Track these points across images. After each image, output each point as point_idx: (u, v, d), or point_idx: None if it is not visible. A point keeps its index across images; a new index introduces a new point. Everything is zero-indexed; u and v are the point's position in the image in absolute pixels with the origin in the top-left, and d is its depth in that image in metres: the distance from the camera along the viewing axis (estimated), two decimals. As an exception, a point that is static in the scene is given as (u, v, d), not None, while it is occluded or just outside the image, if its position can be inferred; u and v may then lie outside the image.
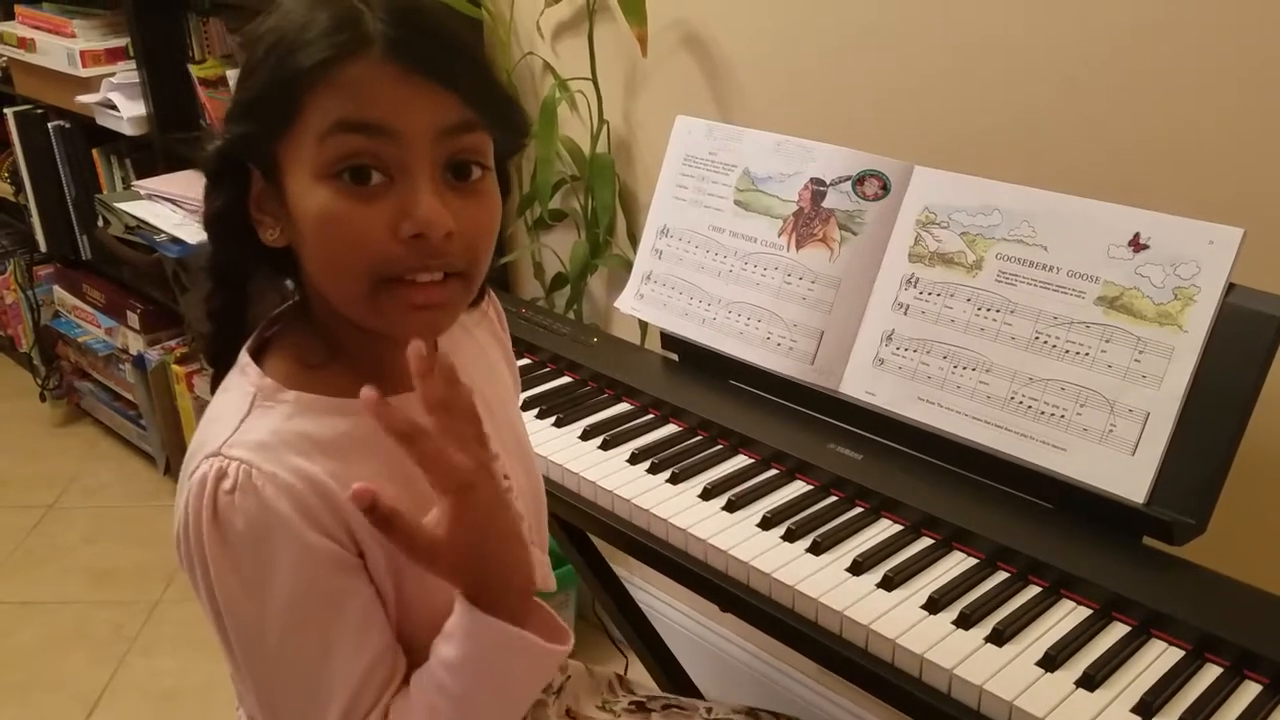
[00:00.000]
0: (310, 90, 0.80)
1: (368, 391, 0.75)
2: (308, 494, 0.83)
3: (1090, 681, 1.01)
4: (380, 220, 0.81)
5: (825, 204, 1.42)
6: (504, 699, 0.87)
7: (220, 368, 0.93)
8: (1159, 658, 1.04)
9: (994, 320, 1.26)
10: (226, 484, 0.81)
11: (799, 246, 1.44)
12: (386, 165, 0.81)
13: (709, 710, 1.29)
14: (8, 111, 3.13)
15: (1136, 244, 1.18)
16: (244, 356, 0.90)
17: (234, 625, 0.84)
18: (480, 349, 1.07)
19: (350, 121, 0.80)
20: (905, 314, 1.33)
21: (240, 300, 0.91)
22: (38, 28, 2.90)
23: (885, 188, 1.38)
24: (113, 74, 2.74)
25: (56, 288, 3.38)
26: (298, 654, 0.84)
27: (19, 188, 3.23)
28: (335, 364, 0.90)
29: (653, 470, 1.36)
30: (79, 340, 3.24)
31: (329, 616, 0.84)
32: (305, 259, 0.87)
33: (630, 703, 1.26)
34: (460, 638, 0.83)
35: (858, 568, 1.16)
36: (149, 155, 2.81)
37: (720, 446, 1.41)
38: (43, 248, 3.27)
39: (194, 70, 2.64)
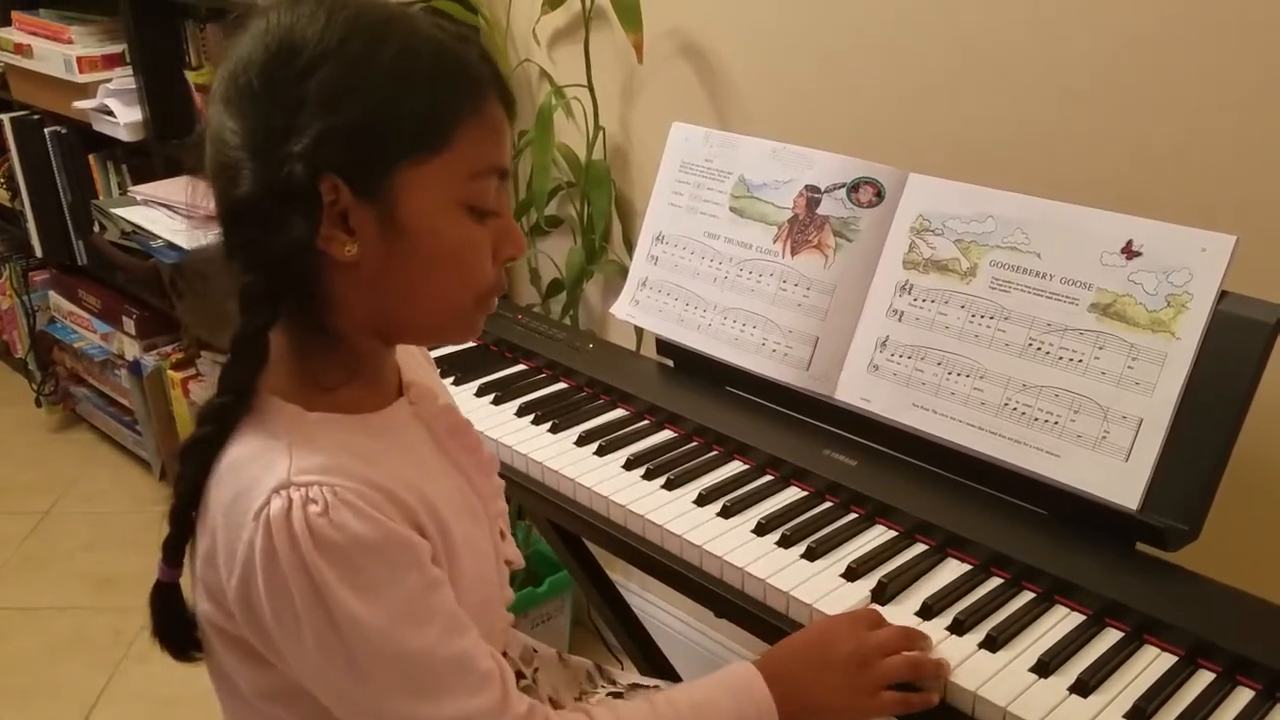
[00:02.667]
0: (463, 127, 0.86)
1: None
2: (385, 500, 0.85)
3: (1084, 688, 1.01)
4: (488, 247, 0.91)
5: (820, 211, 1.43)
6: None
7: (245, 400, 0.89)
8: (1152, 664, 1.05)
9: (988, 327, 1.27)
10: (315, 508, 0.81)
11: (794, 253, 1.44)
12: (496, 203, 0.91)
13: None
14: (4, 117, 3.13)
15: (1129, 251, 1.18)
16: (264, 396, 0.89)
17: (362, 641, 0.83)
18: (406, 349, 1.08)
19: (500, 168, 0.91)
20: (900, 320, 1.34)
21: (271, 324, 0.87)
22: (34, 34, 2.90)
23: (880, 195, 1.38)
24: (109, 80, 2.75)
25: (52, 293, 3.38)
26: (428, 644, 0.86)
27: (15, 193, 3.23)
28: (350, 383, 0.92)
29: (648, 476, 1.36)
30: (75, 346, 3.24)
31: (439, 602, 0.88)
32: (397, 276, 0.87)
33: (609, 693, 1.26)
34: (732, 690, 0.99)
35: (852, 574, 1.17)
36: (145, 161, 2.82)
37: (715, 452, 1.41)
38: (39, 253, 3.27)
39: (190, 76, 2.64)
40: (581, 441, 1.44)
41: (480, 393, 1.57)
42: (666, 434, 1.46)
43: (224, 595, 0.87)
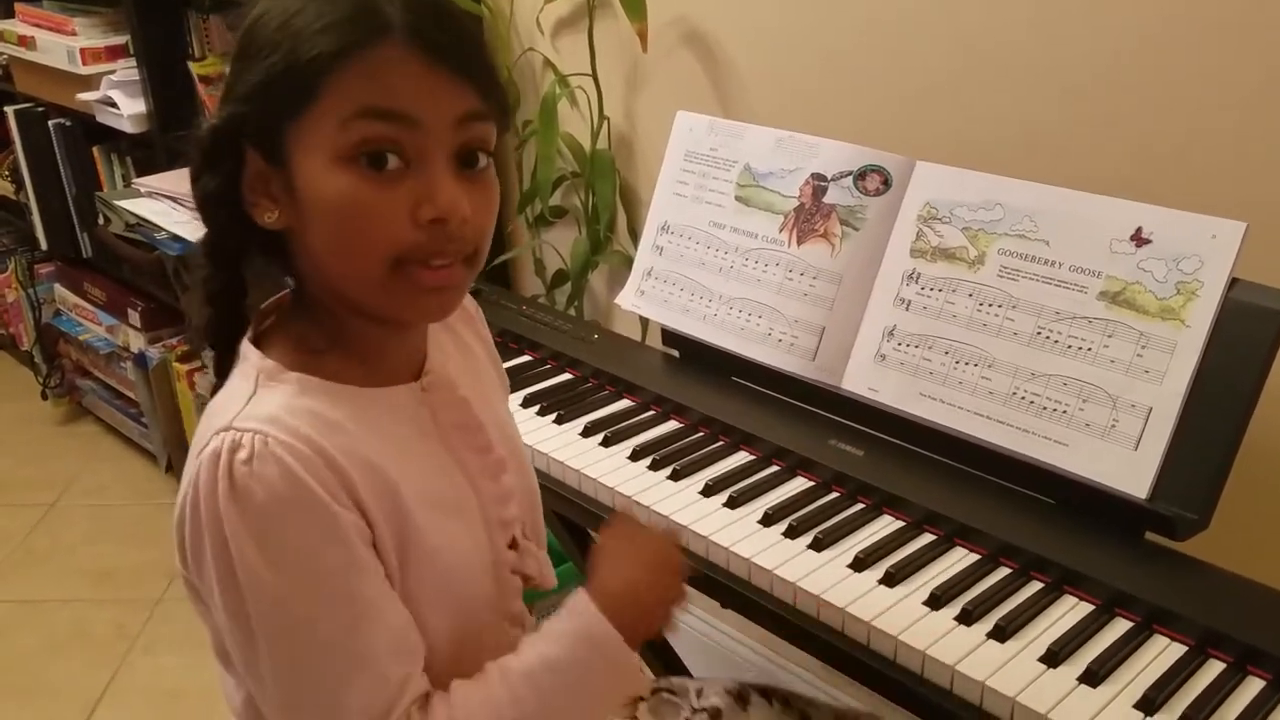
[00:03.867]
0: (331, 74, 0.81)
1: None
2: (323, 466, 0.83)
3: (1093, 678, 1.00)
4: (400, 205, 0.83)
5: (826, 199, 1.42)
6: (585, 711, 0.91)
7: (220, 351, 0.92)
8: (1161, 654, 1.04)
9: (996, 315, 1.26)
10: (242, 454, 0.80)
11: (800, 242, 1.44)
12: (405, 152, 0.83)
13: (699, 693, 1.28)
14: (8, 109, 3.12)
15: (1139, 238, 1.18)
16: (244, 345, 0.90)
17: (256, 603, 0.81)
18: (466, 346, 1.07)
19: (375, 109, 0.81)
20: (907, 309, 1.33)
21: (237, 283, 0.90)
22: (38, 26, 2.90)
23: (886, 183, 1.37)
24: (113, 72, 2.74)
25: (57, 286, 3.38)
26: (325, 627, 0.82)
27: (19, 186, 3.23)
28: (334, 350, 0.90)
29: (654, 467, 1.35)
30: (80, 338, 3.24)
31: (356, 587, 0.83)
32: (310, 242, 0.86)
33: None
34: (573, 639, 0.89)
35: (859, 564, 1.16)
36: (149, 153, 2.81)
37: (721, 443, 1.40)
38: (44, 246, 3.27)
39: (194, 68, 2.63)
40: (587, 432, 1.44)
41: (485, 383, 1.57)
42: (672, 424, 1.46)
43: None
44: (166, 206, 2.57)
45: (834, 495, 1.29)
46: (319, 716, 0.84)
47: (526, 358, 1.65)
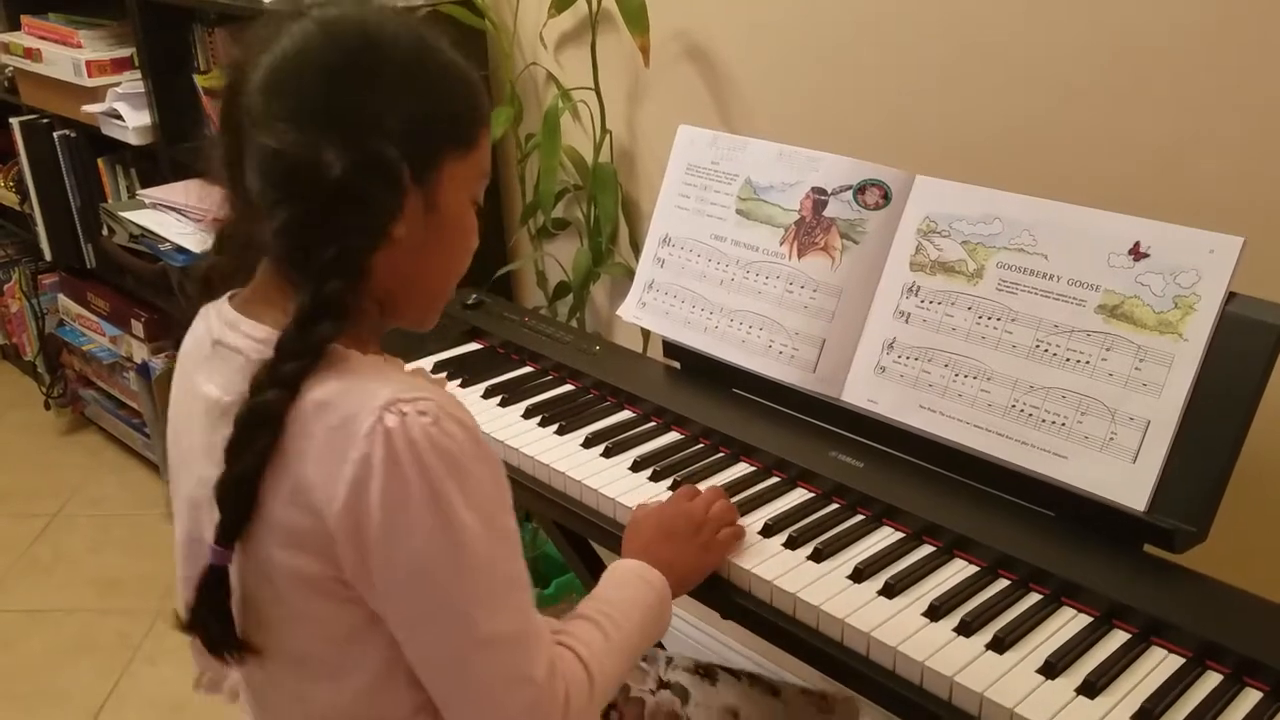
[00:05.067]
0: (485, 129, 0.98)
1: None
2: (475, 421, 0.93)
3: (1091, 689, 1.01)
4: None
5: (827, 213, 1.43)
6: (645, 638, 1.11)
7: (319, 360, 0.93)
8: (1159, 665, 1.05)
9: (995, 328, 1.27)
10: (426, 419, 0.87)
11: (800, 255, 1.44)
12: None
13: (669, 662, 1.35)
14: (14, 121, 3.14)
15: (1137, 252, 1.18)
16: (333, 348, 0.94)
17: (464, 545, 0.88)
18: None
19: (488, 172, 1.00)
20: (907, 322, 1.34)
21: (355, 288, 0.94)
22: (44, 38, 2.91)
23: (886, 197, 1.38)
24: (118, 84, 2.76)
25: (61, 296, 3.39)
26: (506, 562, 0.93)
27: (24, 196, 3.24)
28: (373, 344, 0.99)
29: (654, 478, 1.36)
30: (83, 349, 3.25)
31: (511, 520, 0.94)
32: (424, 257, 0.96)
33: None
34: (642, 587, 1.12)
35: (859, 575, 1.17)
36: (154, 164, 2.82)
37: (722, 454, 1.41)
38: (48, 256, 3.28)
39: (199, 80, 2.64)
40: (589, 443, 1.44)
41: (488, 394, 1.57)
42: (673, 435, 1.46)
43: (312, 531, 0.89)
44: (171, 218, 2.58)
45: (834, 506, 1.30)
46: (514, 643, 0.92)
47: (528, 369, 1.66)
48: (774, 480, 1.35)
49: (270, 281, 0.96)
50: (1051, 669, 1.03)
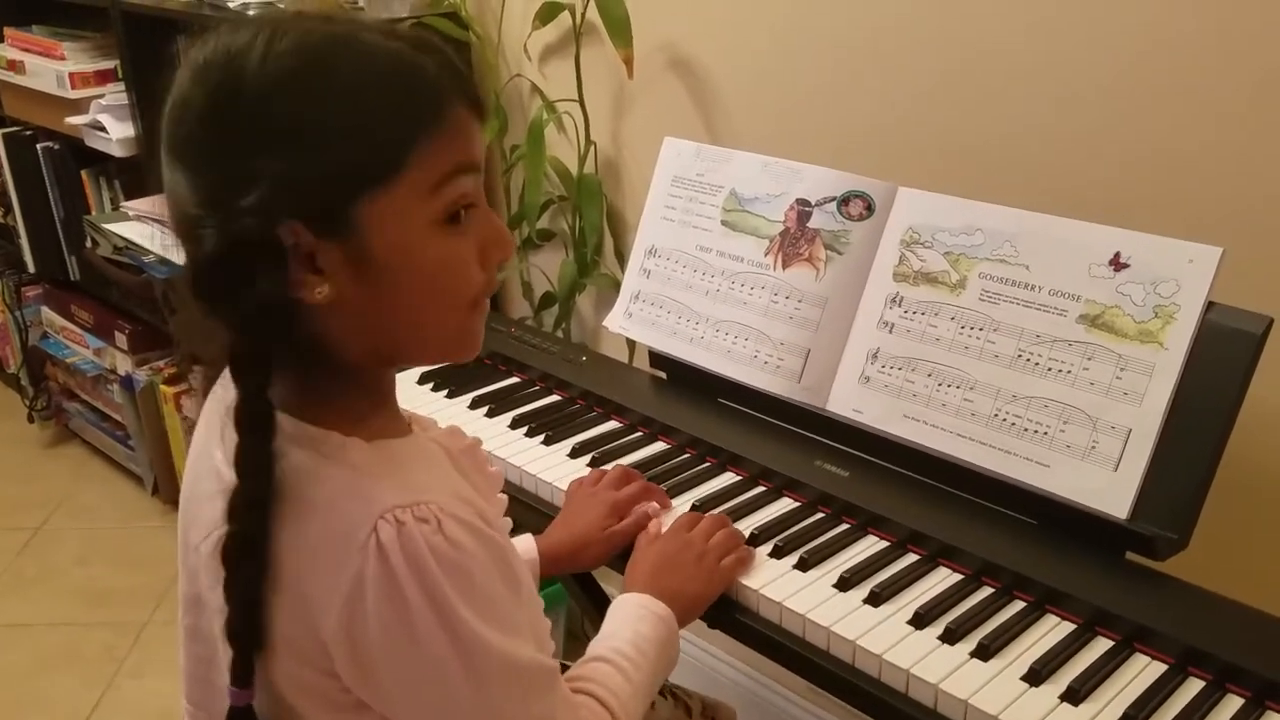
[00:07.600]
0: (414, 148, 0.81)
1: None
2: (476, 511, 0.86)
3: (1075, 696, 1.02)
4: (472, 252, 0.87)
5: (811, 224, 1.44)
6: (659, 673, 1.11)
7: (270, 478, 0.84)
8: (1142, 672, 1.05)
9: (978, 338, 1.28)
10: (428, 527, 0.81)
11: (785, 266, 1.45)
12: (473, 202, 0.86)
13: None
14: (-4, 133, 3.13)
15: (1117, 263, 1.20)
16: (312, 430, 0.86)
17: (476, 656, 0.83)
18: None
19: (465, 164, 0.84)
20: (890, 332, 1.35)
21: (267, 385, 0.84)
22: (27, 50, 2.90)
23: (870, 208, 1.39)
24: (102, 96, 2.75)
25: (45, 308, 3.38)
26: (524, 649, 0.87)
27: (8, 209, 3.23)
28: (376, 412, 0.91)
29: (641, 488, 1.36)
30: (67, 361, 3.24)
31: (520, 609, 0.89)
32: (379, 309, 0.84)
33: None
34: (653, 621, 1.11)
35: (844, 584, 1.17)
36: (138, 177, 2.81)
37: (708, 464, 1.42)
38: (31, 268, 3.26)
39: (183, 92, 2.64)
40: (575, 453, 1.45)
41: (474, 405, 1.58)
42: (660, 446, 1.47)
43: (311, 645, 0.84)
44: (155, 230, 2.58)
45: (819, 515, 1.30)
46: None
47: (515, 379, 1.66)
48: (760, 490, 1.36)
49: None
50: (1035, 676, 1.04)
